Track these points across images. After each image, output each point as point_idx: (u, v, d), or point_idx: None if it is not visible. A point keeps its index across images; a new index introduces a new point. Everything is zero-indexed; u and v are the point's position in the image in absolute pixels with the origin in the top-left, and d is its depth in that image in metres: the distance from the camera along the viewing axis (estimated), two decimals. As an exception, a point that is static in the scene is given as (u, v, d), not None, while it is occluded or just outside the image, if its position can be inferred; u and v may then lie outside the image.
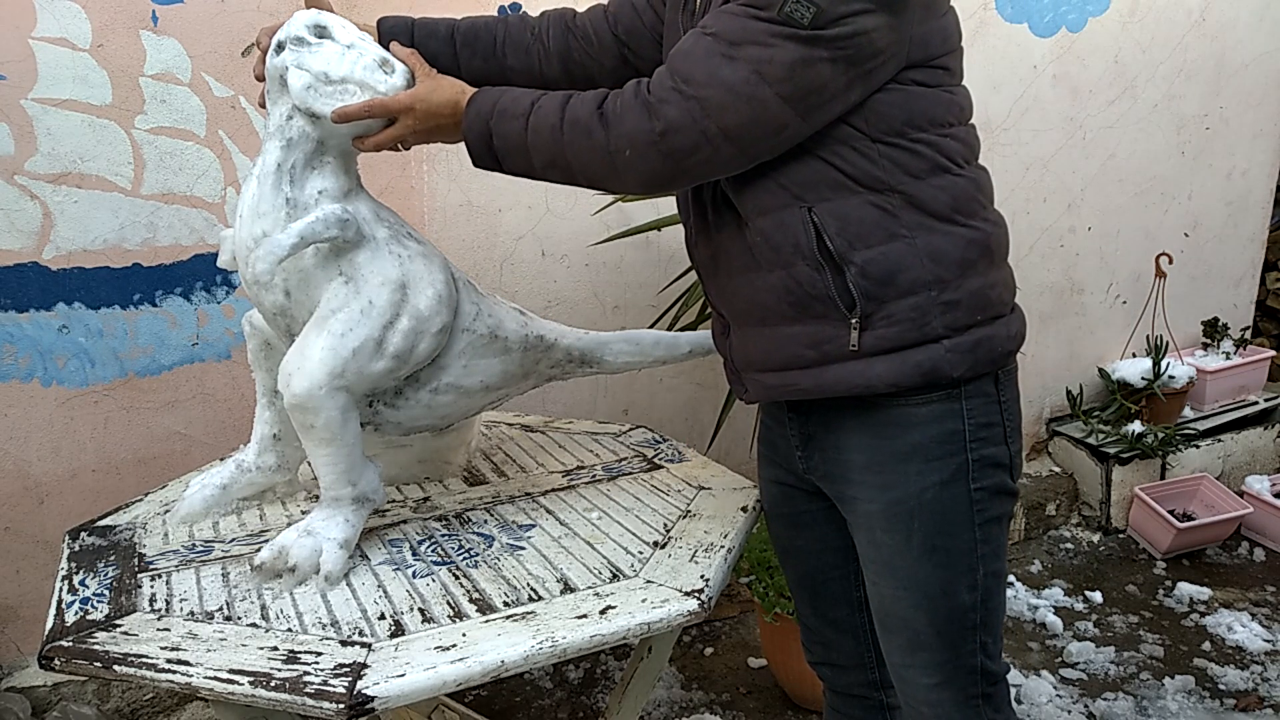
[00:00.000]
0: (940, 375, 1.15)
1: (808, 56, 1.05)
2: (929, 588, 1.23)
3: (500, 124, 1.20)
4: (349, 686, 1.03)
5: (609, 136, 1.13)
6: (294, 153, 1.30)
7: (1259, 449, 3.24)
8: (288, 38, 1.30)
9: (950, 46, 1.17)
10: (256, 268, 1.25)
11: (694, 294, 2.29)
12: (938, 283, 1.14)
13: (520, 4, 2.26)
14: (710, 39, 1.09)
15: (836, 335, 1.16)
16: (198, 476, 1.59)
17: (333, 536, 1.31)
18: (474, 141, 1.23)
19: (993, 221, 1.21)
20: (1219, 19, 3.08)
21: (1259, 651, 2.42)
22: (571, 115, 1.15)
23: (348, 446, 1.31)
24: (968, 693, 1.27)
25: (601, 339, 1.62)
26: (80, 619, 1.21)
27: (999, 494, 1.23)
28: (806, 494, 1.37)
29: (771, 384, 1.24)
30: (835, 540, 1.38)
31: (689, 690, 2.36)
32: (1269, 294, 3.61)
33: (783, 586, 2.14)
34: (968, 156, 1.19)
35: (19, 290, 2.01)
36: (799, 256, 1.16)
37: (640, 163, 1.12)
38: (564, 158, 1.17)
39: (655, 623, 1.17)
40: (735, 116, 1.08)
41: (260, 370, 1.53)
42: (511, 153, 1.21)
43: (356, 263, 1.31)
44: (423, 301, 1.34)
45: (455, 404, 1.46)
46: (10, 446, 2.07)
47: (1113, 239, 3.17)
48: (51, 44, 1.93)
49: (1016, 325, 1.24)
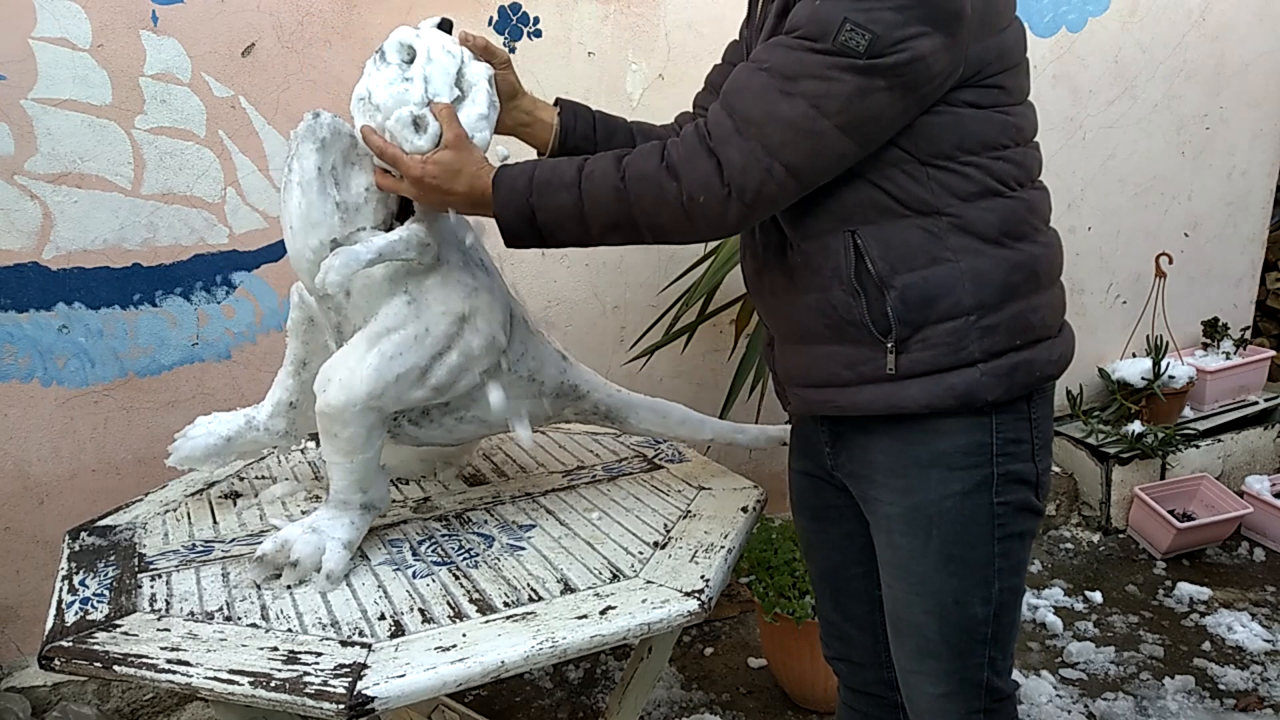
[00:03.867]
0: (974, 399, 1.15)
1: (865, 87, 1.04)
2: (942, 596, 1.23)
3: (544, 198, 1.17)
4: (349, 687, 1.03)
5: (681, 186, 1.11)
6: (330, 153, 1.27)
7: (1259, 449, 3.24)
8: (382, 47, 1.27)
9: (1009, 63, 1.15)
10: (329, 278, 1.21)
11: (694, 294, 2.29)
12: (978, 308, 1.14)
13: (520, 4, 2.26)
14: (765, 74, 1.07)
15: (873, 357, 1.16)
16: (205, 419, 1.57)
17: (337, 536, 1.31)
18: (511, 221, 1.19)
19: (1043, 243, 1.20)
20: (1219, 19, 3.08)
21: (1259, 651, 2.42)
22: (635, 172, 1.14)
23: (366, 459, 1.31)
24: (972, 706, 1.27)
25: (631, 402, 1.60)
26: (80, 619, 1.21)
27: (1023, 510, 1.22)
28: (834, 488, 1.37)
29: (812, 399, 1.26)
30: (860, 536, 1.37)
31: (689, 690, 2.36)
32: (1269, 294, 3.61)
33: (783, 586, 2.14)
34: (1021, 179, 1.18)
35: (19, 290, 2.01)
36: (836, 281, 1.16)
37: (714, 207, 1.11)
38: (630, 217, 1.15)
39: (655, 623, 1.17)
40: (796, 152, 1.07)
41: (296, 340, 1.50)
42: (562, 224, 1.17)
43: (424, 286, 1.30)
44: (477, 341, 1.32)
45: (475, 432, 1.46)
46: (10, 446, 2.07)
47: (1113, 239, 3.17)
48: (51, 44, 1.93)
49: (1060, 348, 1.22)
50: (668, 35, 2.42)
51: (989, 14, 1.10)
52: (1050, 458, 1.26)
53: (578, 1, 2.32)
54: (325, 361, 1.32)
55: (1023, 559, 1.26)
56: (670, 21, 2.42)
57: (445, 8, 2.20)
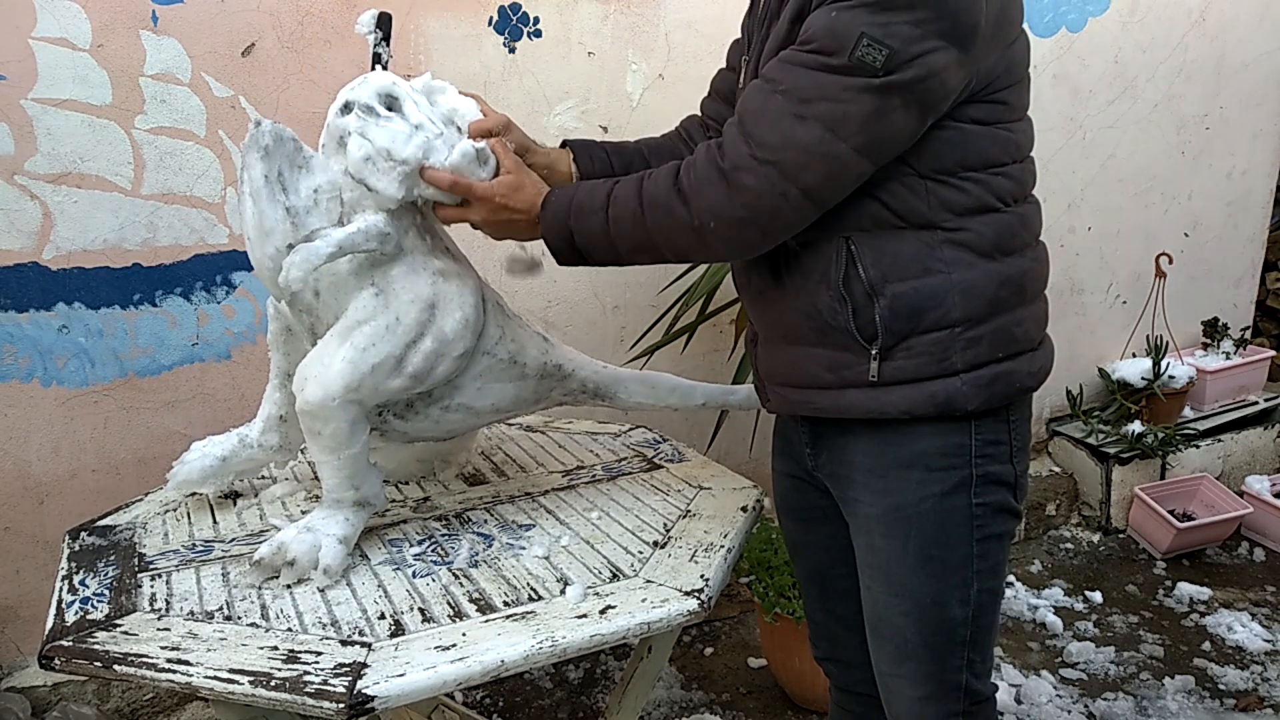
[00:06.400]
0: (954, 407, 1.16)
1: (882, 107, 1.03)
2: (920, 597, 1.23)
3: (579, 221, 1.20)
4: (349, 686, 1.03)
5: (691, 212, 1.12)
6: (274, 161, 1.27)
7: (1259, 449, 3.24)
8: (356, 102, 1.27)
9: (1015, 78, 1.15)
10: (290, 275, 1.22)
11: (694, 294, 2.29)
12: (965, 320, 1.14)
13: (520, 4, 2.26)
14: (780, 97, 1.07)
15: (856, 363, 1.17)
16: (199, 443, 1.58)
17: (332, 533, 1.31)
18: (555, 241, 1.24)
19: (1032, 257, 1.21)
20: (1219, 19, 3.08)
21: (1259, 651, 2.42)
22: (650, 198, 1.15)
23: (353, 455, 1.31)
24: (951, 709, 1.28)
25: (619, 376, 1.60)
26: (80, 619, 1.21)
27: (1001, 512, 1.23)
28: (817, 490, 1.37)
29: (792, 399, 1.27)
30: (844, 537, 1.37)
31: (689, 690, 2.36)
32: (1269, 294, 3.61)
33: (783, 587, 2.14)
34: (1017, 195, 1.18)
35: (19, 290, 2.01)
36: (824, 286, 1.17)
37: (726, 231, 1.11)
38: (650, 241, 1.17)
39: (655, 623, 1.17)
40: (813, 176, 1.07)
41: (278, 352, 1.52)
42: (596, 246, 1.22)
43: (390, 276, 1.31)
44: (449, 324, 1.33)
45: (463, 421, 1.46)
46: (10, 446, 2.07)
47: (1113, 239, 3.17)
48: (51, 44, 1.93)
49: (1041, 360, 1.23)
50: (668, 35, 2.42)
51: (1001, 26, 1.10)
52: (1027, 460, 1.27)
53: (578, 1, 2.32)
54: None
55: (1001, 560, 1.26)
56: (670, 21, 2.42)
57: (445, 8, 2.21)
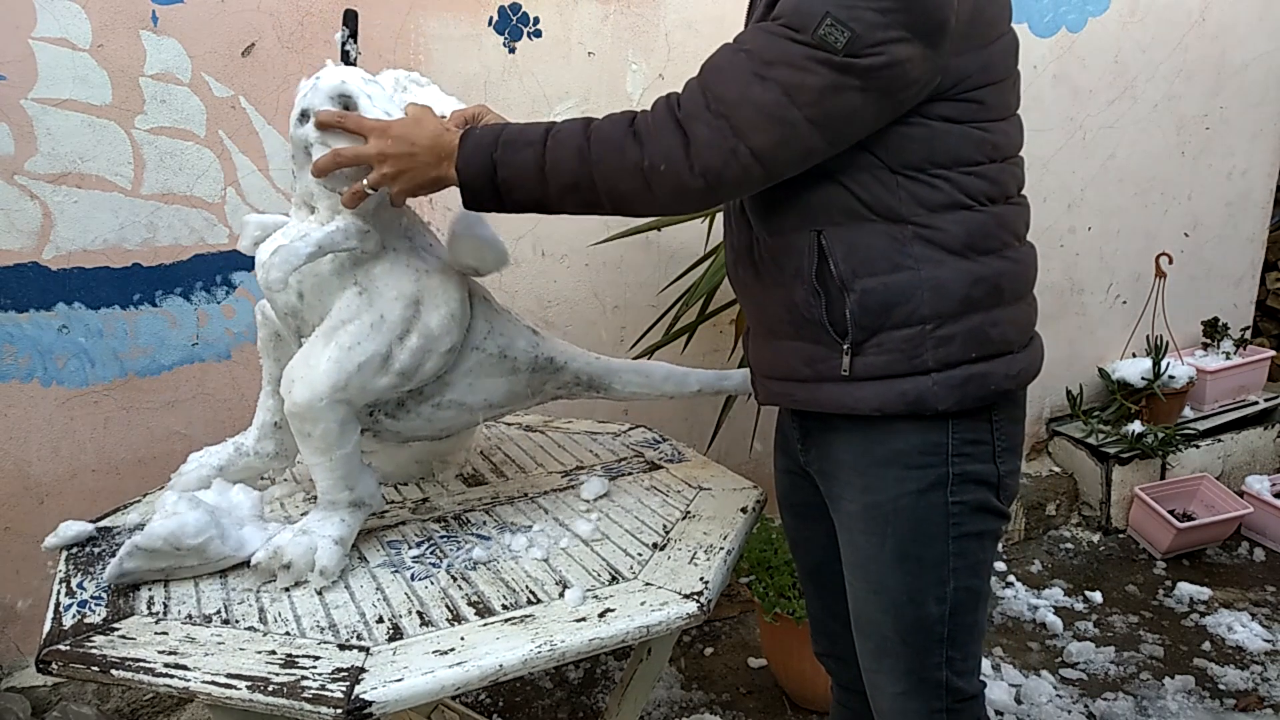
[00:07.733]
0: (925, 406, 1.16)
1: (839, 84, 1.04)
2: (897, 594, 1.23)
3: (507, 153, 1.17)
4: (347, 691, 1.03)
5: (644, 153, 1.11)
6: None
7: (1259, 449, 3.23)
8: (310, 109, 1.25)
9: (992, 78, 1.13)
10: (270, 274, 1.23)
11: (694, 294, 2.29)
12: (935, 317, 1.14)
13: (520, 4, 2.26)
14: (744, 56, 1.07)
15: (829, 357, 1.18)
16: (196, 455, 1.58)
17: (327, 534, 1.31)
18: (472, 177, 1.19)
19: (1011, 259, 1.19)
20: (1219, 19, 3.07)
21: (1259, 651, 2.42)
22: (600, 135, 1.14)
23: (344, 455, 1.31)
24: (932, 705, 1.28)
25: (612, 366, 1.60)
26: (78, 622, 1.21)
27: (980, 510, 1.22)
28: (813, 486, 1.37)
29: (775, 391, 1.29)
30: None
31: (689, 690, 2.36)
32: (1269, 294, 3.61)
33: (783, 586, 2.14)
34: (994, 195, 1.16)
35: (19, 290, 2.01)
36: (799, 279, 1.17)
37: (673, 179, 1.10)
38: (589, 178, 1.14)
39: (654, 626, 1.17)
40: (764, 137, 1.07)
41: (268, 359, 1.52)
42: (522, 183, 1.17)
43: (373, 274, 1.31)
44: (434, 320, 1.33)
45: (456, 418, 1.46)
46: (10, 446, 2.07)
47: (1113, 239, 3.17)
48: (51, 44, 1.93)
49: (1022, 363, 1.22)
50: (668, 35, 2.42)
51: (976, 26, 1.09)
52: (1017, 460, 1.26)
53: (578, 1, 2.32)
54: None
55: (982, 559, 1.26)
56: (670, 21, 2.41)
57: (445, 8, 2.20)
